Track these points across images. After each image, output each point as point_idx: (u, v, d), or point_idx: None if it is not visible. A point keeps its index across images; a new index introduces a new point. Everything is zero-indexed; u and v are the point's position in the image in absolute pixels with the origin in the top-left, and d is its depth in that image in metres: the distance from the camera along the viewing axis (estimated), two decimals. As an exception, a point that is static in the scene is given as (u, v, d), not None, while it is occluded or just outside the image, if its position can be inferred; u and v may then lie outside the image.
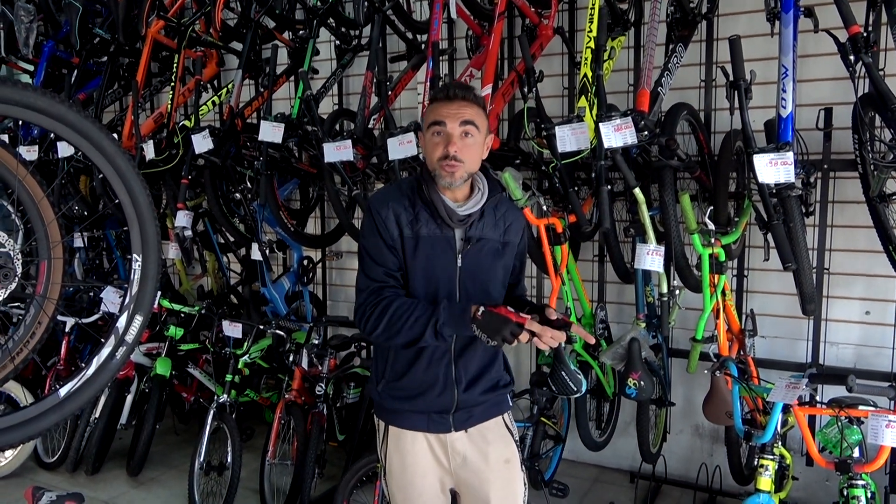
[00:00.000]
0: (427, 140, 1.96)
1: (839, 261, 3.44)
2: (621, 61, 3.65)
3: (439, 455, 2.07)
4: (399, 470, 2.09)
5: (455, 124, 1.89)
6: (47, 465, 4.15)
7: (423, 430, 2.05)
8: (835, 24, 2.79)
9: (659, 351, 3.52)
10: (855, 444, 2.54)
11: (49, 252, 2.02)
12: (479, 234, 1.99)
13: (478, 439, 2.08)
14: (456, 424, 2.05)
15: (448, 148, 1.88)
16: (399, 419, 2.08)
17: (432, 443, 2.06)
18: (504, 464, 2.10)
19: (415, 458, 2.06)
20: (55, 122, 1.72)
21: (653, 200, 3.19)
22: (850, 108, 2.99)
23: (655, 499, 3.72)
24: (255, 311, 4.46)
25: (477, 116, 1.92)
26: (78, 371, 1.88)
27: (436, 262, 1.97)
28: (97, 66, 4.58)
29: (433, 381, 2.02)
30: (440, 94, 1.95)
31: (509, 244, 2.05)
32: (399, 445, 2.08)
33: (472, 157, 1.93)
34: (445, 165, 1.89)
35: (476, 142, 1.93)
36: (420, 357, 2.01)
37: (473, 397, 2.05)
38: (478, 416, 2.08)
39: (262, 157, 3.65)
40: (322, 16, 3.81)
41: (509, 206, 2.10)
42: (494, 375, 2.12)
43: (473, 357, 2.05)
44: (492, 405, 2.11)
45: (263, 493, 3.61)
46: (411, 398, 2.04)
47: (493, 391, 2.11)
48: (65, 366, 4.25)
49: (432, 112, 1.94)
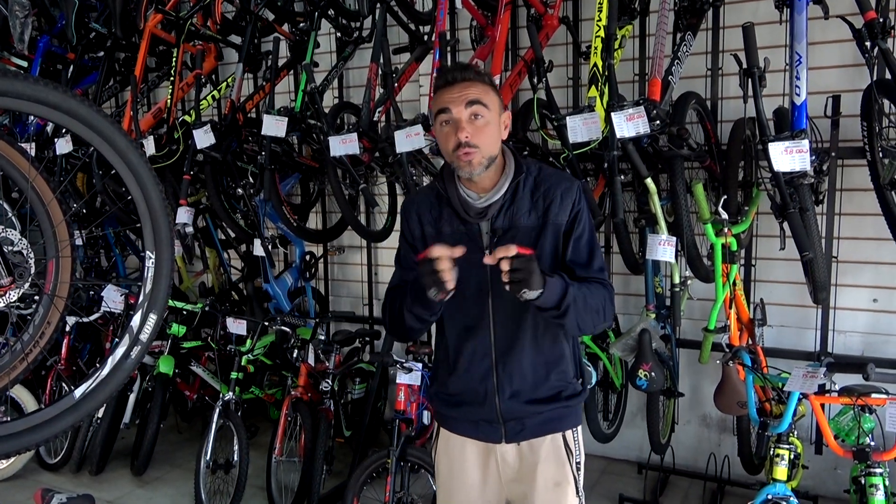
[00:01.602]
0: (438, 133, 1.81)
1: (847, 249, 3.44)
2: (627, 51, 3.62)
3: (490, 464, 1.92)
4: (446, 473, 1.99)
5: (461, 108, 1.73)
6: (50, 466, 4.11)
7: (473, 437, 1.92)
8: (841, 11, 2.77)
9: (668, 341, 3.51)
10: (869, 431, 2.54)
11: (57, 251, 1.98)
12: (508, 224, 1.80)
13: (528, 454, 1.89)
14: (508, 435, 1.87)
15: (458, 135, 1.73)
16: (450, 423, 1.97)
17: (481, 450, 1.92)
18: (553, 486, 1.89)
19: (462, 464, 1.94)
20: (67, 118, 1.68)
21: (662, 190, 3.18)
22: (856, 95, 2.99)
23: (664, 489, 3.72)
24: (258, 308, 4.43)
25: (484, 94, 1.75)
26: (92, 371, 1.85)
27: (461, 260, 1.75)
28: (93, 62, 4.51)
29: (473, 387, 1.87)
30: (440, 81, 1.80)
31: (550, 225, 1.80)
32: (448, 448, 1.97)
33: (486, 139, 1.75)
34: (461, 155, 1.74)
35: (488, 121, 1.75)
36: (458, 360, 1.88)
37: (523, 407, 1.85)
38: (531, 430, 1.87)
39: (264, 151, 3.60)
40: (323, 7, 3.76)
41: (554, 181, 1.84)
42: (556, 382, 1.87)
43: (521, 360, 1.84)
44: (548, 420, 1.88)
45: (271, 491, 3.59)
46: (457, 405, 1.92)
47: (552, 402, 1.86)
48: (66, 365, 4.20)
49: (436, 102, 1.80)
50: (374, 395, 3.92)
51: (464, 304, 1.83)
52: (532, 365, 1.84)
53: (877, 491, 2.41)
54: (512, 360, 1.84)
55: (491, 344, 1.84)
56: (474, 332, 1.85)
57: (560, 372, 1.87)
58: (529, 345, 1.84)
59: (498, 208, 1.81)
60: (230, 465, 3.57)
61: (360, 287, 4.77)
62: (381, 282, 4.70)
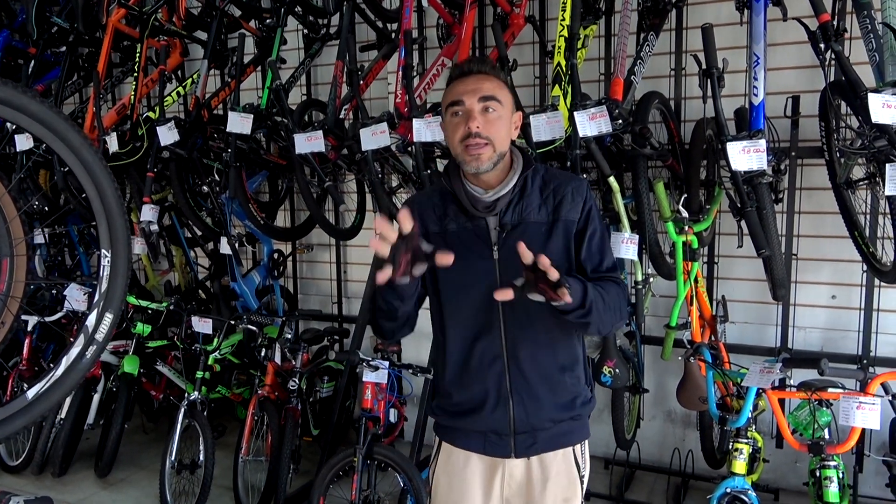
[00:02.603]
0: (446, 125, 1.73)
1: (806, 246, 3.51)
2: (592, 50, 3.65)
3: (494, 480, 1.83)
4: (445, 491, 1.89)
5: (473, 100, 1.66)
6: (11, 468, 4.04)
7: (479, 451, 1.82)
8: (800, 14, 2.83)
9: (632, 338, 3.55)
10: (825, 425, 2.60)
11: (11, 249, 1.95)
12: (517, 219, 1.72)
13: (537, 470, 1.81)
14: (518, 450, 1.78)
15: (469, 125, 1.65)
16: (453, 436, 1.87)
17: (487, 466, 1.83)
18: (562, 503, 1.83)
19: (463, 481, 1.84)
20: (18, 114, 1.65)
21: (626, 189, 3.21)
22: (815, 96, 3.05)
23: (630, 484, 3.76)
24: (225, 306, 4.39)
25: (498, 90, 1.69)
26: (46, 372, 1.82)
27: (468, 257, 1.72)
28: (55, 57, 4.43)
29: (484, 394, 1.77)
30: (455, 73, 1.74)
31: (561, 222, 1.73)
32: (449, 464, 1.88)
33: (498, 134, 1.68)
34: (469, 146, 1.66)
35: (500, 116, 1.68)
36: (469, 362, 1.78)
37: (537, 417, 1.76)
38: (543, 444, 1.79)
39: (230, 148, 3.57)
40: (289, 4, 3.73)
41: (563, 179, 1.79)
42: (570, 389, 1.79)
43: (536, 361, 1.75)
44: (561, 434, 1.81)
45: (237, 491, 3.56)
46: (464, 414, 1.81)
47: (566, 410, 1.79)
48: (28, 366, 4.13)
49: (448, 93, 1.72)
50: (342, 393, 3.91)
51: (472, 304, 1.75)
52: (546, 365, 1.76)
53: (831, 483, 2.47)
54: (526, 360, 1.74)
55: (502, 345, 1.74)
56: (484, 332, 1.75)
57: (575, 377, 1.80)
58: (545, 345, 1.75)
59: (507, 203, 1.74)
60: (196, 465, 3.53)
61: (329, 285, 4.76)
62: (351, 280, 4.70)
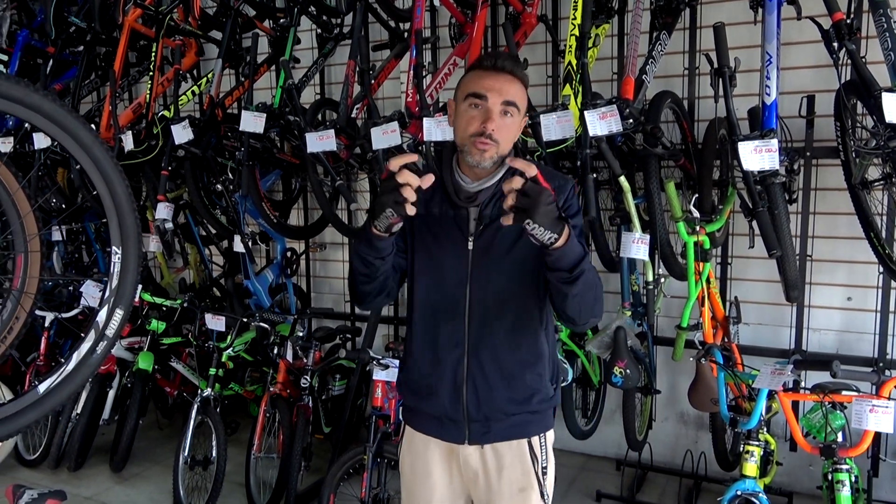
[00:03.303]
0: (460, 112, 1.72)
1: (821, 248, 3.47)
2: (605, 49, 3.64)
3: (451, 465, 1.88)
4: (409, 472, 1.95)
5: (497, 101, 1.67)
6: (29, 462, 4.09)
7: (436, 436, 1.86)
8: (817, 12, 2.80)
9: (644, 339, 3.53)
10: (838, 428, 2.57)
11: (26, 245, 1.97)
12: (497, 213, 1.72)
13: (491, 459, 1.83)
14: (471, 437, 1.81)
15: (486, 124, 1.66)
16: (414, 419, 1.92)
17: (444, 451, 1.87)
18: (518, 492, 1.83)
19: (425, 463, 1.89)
20: (30, 112, 1.67)
21: (637, 189, 3.19)
22: (831, 95, 3.01)
23: (641, 486, 3.74)
24: (239, 304, 4.42)
25: (519, 96, 1.71)
26: (57, 367, 1.84)
27: (442, 243, 1.77)
28: (73, 56, 4.49)
29: (441, 376, 1.80)
30: (486, 63, 1.72)
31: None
32: (412, 446, 1.93)
33: (507, 138, 1.71)
34: (478, 143, 1.67)
35: (514, 122, 1.71)
36: (431, 344, 1.81)
37: (490, 408, 1.79)
38: (496, 434, 1.81)
39: (243, 147, 3.60)
40: (303, 4, 3.76)
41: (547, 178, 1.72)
42: (529, 385, 1.80)
43: (494, 353, 1.78)
44: (516, 424, 1.82)
45: (249, 487, 3.59)
46: (423, 396, 1.85)
47: (521, 405, 1.80)
48: (45, 361, 4.18)
49: (474, 81, 1.70)
50: (353, 391, 3.93)
51: (440, 289, 1.79)
52: (507, 360, 1.78)
53: (843, 487, 2.43)
54: (485, 351, 1.77)
55: (465, 333, 1.77)
56: (448, 318, 1.79)
57: (536, 374, 1.81)
58: (506, 338, 1.78)
59: (489, 196, 1.76)
60: (209, 461, 3.57)
61: (342, 284, 4.77)
62: (363, 279, 4.70)
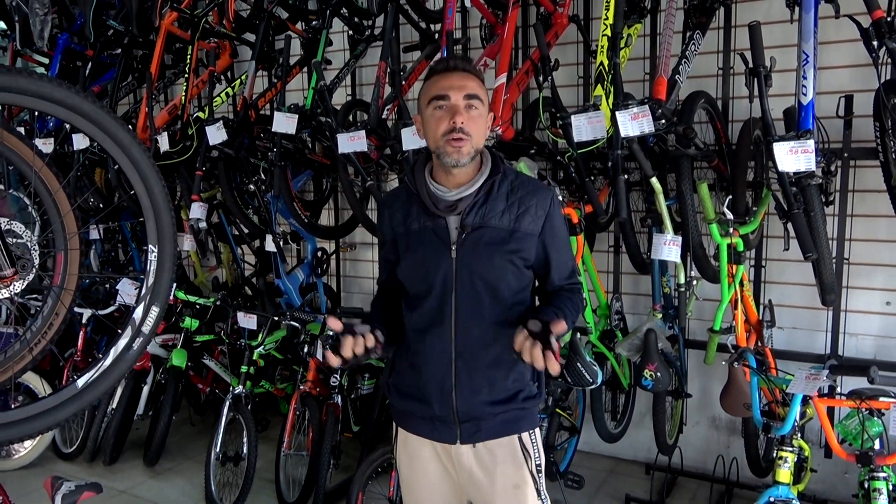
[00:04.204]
0: (427, 117, 1.77)
1: (859, 251, 3.39)
2: (637, 49, 3.61)
3: (447, 465, 1.91)
4: (407, 472, 1.98)
5: (459, 97, 1.73)
6: (65, 455, 4.19)
7: (429, 437, 1.90)
8: (854, 10, 2.74)
9: (675, 342, 3.50)
10: (876, 435, 2.51)
11: (66, 243, 2.03)
12: (479, 222, 1.78)
13: (485, 456, 1.86)
14: (463, 436, 1.85)
15: (455, 119, 1.71)
16: (406, 422, 1.95)
17: (439, 451, 1.91)
18: (513, 489, 1.87)
19: (422, 462, 1.93)
20: (71, 113, 1.72)
21: (669, 190, 3.16)
22: (870, 95, 2.95)
23: (671, 491, 3.70)
24: (270, 303, 4.47)
25: (480, 90, 1.77)
26: (95, 362, 1.89)
27: (428, 257, 1.81)
28: (111, 59, 4.60)
29: (430, 381, 1.84)
30: (439, 67, 1.79)
31: (520, 232, 1.80)
32: (407, 448, 1.96)
33: (478, 130, 1.76)
34: (452, 140, 1.72)
35: (481, 115, 1.77)
36: (420, 351, 1.86)
37: (479, 407, 1.83)
38: (487, 432, 1.85)
39: (275, 148, 3.64)
40: (335, 6, 3.79)
41: (530, 189, 1.84)
42: (513, 384, 1.85)
43: (480, 359, 1.82)
44: (506, 421, 1.86)
45: (279, 484, 3.63)
46: (414, 399, 1.89)
47: (508, 403, 1.85)
48: (82, 357, 4.28)
49: (432, 86, 1.77)
50: (382, 390, 3.95)
51: (427, 299, 1.82)
52: (491, 364, 1.82)
53: (880, 496, 2.38)
54: (471, 357, 1.81)
55: (451, 340, 1.81)
56: (435, 326, 1.82)
57: (518, 373, 1.85)
58: (489, 344, 1.82)
59: (470, 204, 1.79)
60: (239, 457, 3.62)
61: (371, 284, 4.80)
62: (393, 279, 4.73)
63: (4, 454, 4.01)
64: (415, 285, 1.85)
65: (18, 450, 4.05)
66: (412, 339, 1.89)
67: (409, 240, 1.84)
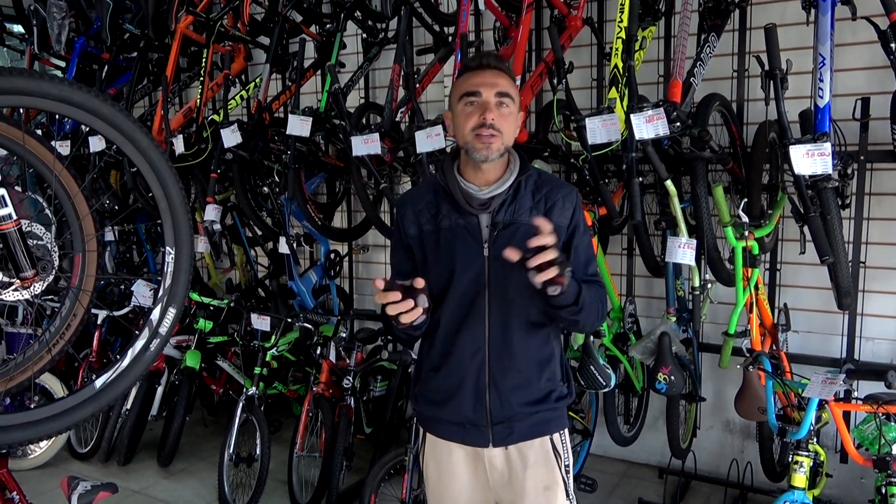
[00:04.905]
0: (458, 113, 1.78)
1: (876, 254, 3.37)
2: (652, 52, 3.60)
3: (477, 469, 1.89)
4: (435, 478, 1.95)
5: (491, 94, 1.73)
6: (80, 455, 4.22)
7: (460, 441, 1.87)
8: (870, 13, 2.72)
9: (689, 345, 3.47)
10: (893, 440, 2.49)
11: (84, 245, 2.05)
12: (510, 219, 1.78)
13: (516, 459, 1.85)
14: (495, 439, 1.83)
15: (485, 115, 1.71)
16: (434, 427, 1.93)
17: (469, 455, 1.89)
18: (543, 490, 1.86)
19: (451, 468, 1.90)
20: (90, 116, 1.74)
21: (684, 193, 3.15)
22: (887, 97, 2.93)
23: (685, 495, 3.68)
24: (283, 305, 4.49)
25: (511, 88, 1.78)
26: (112, 363, 1.90)
27: (458, 254, 1.79)
28: (127, 62, 4.63)
29: (461, 383, 1.82)
30: (472, 63, 1.79)
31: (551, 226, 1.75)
32: (435, 453, 1.93)
33: (508, 128, 1.76)
34: (482, 135, 1.72)
35: (511, 113, 1.77)
36: (451, 352, 1.83)
37: (513, 409, 1.82)
38: (519, 433, 1.84)
39: (289, 150, 3.66)
40: (349, 9, 3.81)
41: (554, 185, 1.85)
42: (545, 384, 1.85)
43: (514, 356, 1.81)
44: (538, 423, 1.85)
45: (292, 485, 3.64)
46: (443, 404, 1.87)
47: (541, 403, 1.84)
48: (97, 358, 4.32)
49: (464, 83, 1.78)
50: (394, 393, 3.95)
51: (460, 298, 1.81)
52: (525, 362, 1.82)
53: (897, 501, 2.36)
54: (505, 355, 1.80)
55: (485, 338, 1.80)
56: (468, 325, 1.81)
57: (550, 372, 1.86)
58: (522, 341, 1.81)
59: (501, 202, 1.80)
60: (252, 458, 3.63)
61: (384, 286, 4.80)
62: (405, 281, 4.73)
63: (20, 454, 4.05)
64: (446, 284, 1.82)
65: (34, 449, 4.09)
66: (441, 341, 1.86)
67: (440, 237, 1.81)
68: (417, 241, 1.86)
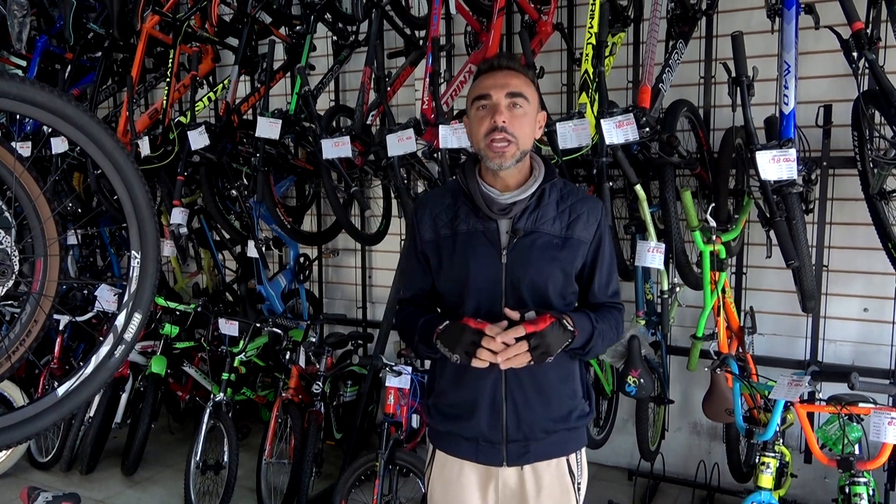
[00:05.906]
0: (471, 118, 1.73)
1: (838, 258, 3.45)
2: (620, 58, 3.64)
3: (488, 489, 1.81)
4: (441, 498, 1.87)
5: (501, 95, 1.66)
6: (41, 464, 4.11)
7: (472, 459, 1.80)
8: (834, 22, 2.79)
9: (658, 348, 3.51)
10: (855, 441, 2.55)
11: (45, 249, 1.99)
12: (531, 227, 1.72)
13: (530, 478, 1.78)
14: (510, 458, 1.76)
15: (495, 118, 1.64)
16: (446, 444, 1.85)
17: (481, 474, 1.81)
18: None
19: (459, 489, 1.82)
20: (53, 117, 1.69)
21: (653, 197, 3.18)
22: (848, 105, 3.00)
23: (654, 496, 3.72)
24: (251, 309, 4.43)
25: (525, 87, 1.69)
26: (75, 370, 1.85)
27: (475, 260, 1.72)
28: (91, 62, 4.54)
29: (478, 398, 1.75)
30: (483, 66, 1.73)
31: (574, 240, 1.73)
32: (444, 473, 1.85)
33: (523, 131, 1.67)
34: (494, 142, 1.65)
35: (526, 112, 1.68)
36: (466, 367, 1.72)
37: (530, 427, 1.74)
38: (535, 453, 1.76)
39: (258, 153, 3.62)
40: (319, 11, 3.78)
41: (580, 197, 1.79)
42: (567, 402, 1.78)
43: (532, 371, 1.71)
44: (555, 443, 1.78)
45: (260, 492, 3.59)
46: (458, 419, 1.79)
47: (560, 422, 1.77)
48: (59, 364, 4.21)
49: (476, 87, 1.72)
50: (365, 398, 3.93)
51: (475, 307, 1.74)
52: (543, 377, 1.74)
53: (860, 500, 2.41)
54: (523, 369, 1.69)
55: None
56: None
57: (571, 389, 1.79)
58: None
59: (523, 209, 1.73)
60: (220, 465, 3.58)
61: (354, 290, 4.78)
62: (375, 285, 4.71)
63: (-22, 464, 3.94)
64: (462, 291, 1.75)
65: (-7, 459, 3.98)
66: None
67: (456, 242, 1.75)
68: (433, 245, 1.80)
